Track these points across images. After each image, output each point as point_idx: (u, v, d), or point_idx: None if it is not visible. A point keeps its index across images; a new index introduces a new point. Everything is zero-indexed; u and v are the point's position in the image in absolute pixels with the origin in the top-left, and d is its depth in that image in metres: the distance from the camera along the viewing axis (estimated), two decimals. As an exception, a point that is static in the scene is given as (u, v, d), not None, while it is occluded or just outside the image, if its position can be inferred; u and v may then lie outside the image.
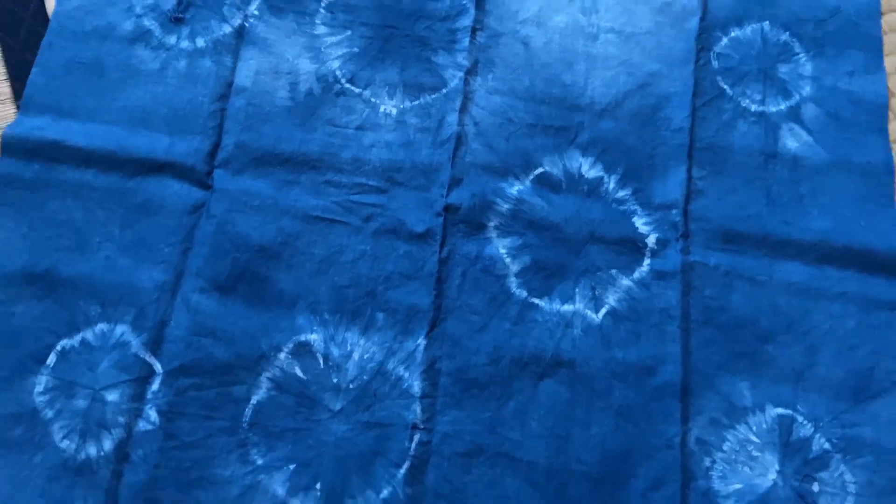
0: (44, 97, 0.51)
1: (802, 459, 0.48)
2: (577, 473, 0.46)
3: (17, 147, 0.50)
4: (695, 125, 0.55)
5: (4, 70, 0.52)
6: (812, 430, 0.49)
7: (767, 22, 0.60)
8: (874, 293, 0.52)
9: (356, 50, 0.55)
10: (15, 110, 0.51)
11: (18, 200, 0.49)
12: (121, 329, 0.47)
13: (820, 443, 0.48)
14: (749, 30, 0.59)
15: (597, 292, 0.51)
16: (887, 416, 0.49)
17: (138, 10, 0.55)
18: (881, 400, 0.49)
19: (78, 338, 0.46)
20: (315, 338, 0.48)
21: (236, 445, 0.45)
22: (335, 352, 0.48)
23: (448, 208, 0.51)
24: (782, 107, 0.57)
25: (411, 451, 0.46)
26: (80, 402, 0.45)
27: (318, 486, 0.45)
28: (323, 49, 0.55)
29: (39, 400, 0.45)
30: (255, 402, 0.46)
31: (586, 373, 0.49)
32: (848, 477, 0.48)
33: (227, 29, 0.55)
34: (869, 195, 0.55)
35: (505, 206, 0.52)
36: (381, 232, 0.51)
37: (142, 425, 0.45)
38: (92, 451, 0.44)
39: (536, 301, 0.50)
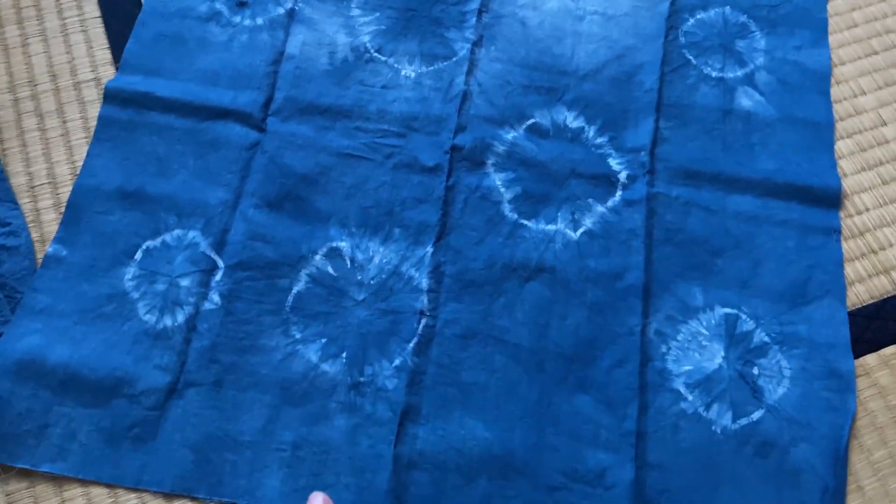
0: (137, 61, 0.65)
1: (745, 349, 0.57)
2: (553, 353, 0.56)
3: (116, 96, 0.63)
4: (663, 87, 0.66)
5: (107, 40, 0.66)
6: (754, 325, 0.58)
7: (729, 7, 0.71)
8: (811, 221, 0.61)
9: (383, 27, 0.68)
10: (114, 70, 0.65)
11: (116, 137, 0.62)
12: (192, 234, 0.59)
13: (760, 336, 0.57)
14: (713, 12, 0.70)
15: (576, 216, 0.61)
16: (819, 318, 0.58)
17: (212, -4, 0.68)
18: (814, 304, 0.58)
19: (159, 240, 0.59)
20: (344, 245, 0.59)
21: (280, 323, 0.56)
22: (360, 256, 0.59)
23: (454, 148, 0.63)
24: (738, 73, 0.67)
25: (419, 331, 0.57)
26: (160, 286, 0.57)
27: (343, 355, 0.56)
28: (356, 26, 0.68)
29: (128, 284, 0.57)
30: (295, 291, 0.58)
31: (564, 277, 0.59)
32: (784, 363, 0.56)
33: (281, 11, 0.68)
34: (811, 144, 0.64)
35: (501, 148, 0.63)
36: (399, 166, 0.62)
37: (207, 305, 0.57)
38: (168, 322, 0.56)
39: (525, 222, 0.61)
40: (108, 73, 0.65)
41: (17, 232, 0.58)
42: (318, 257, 0.59)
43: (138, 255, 0.59)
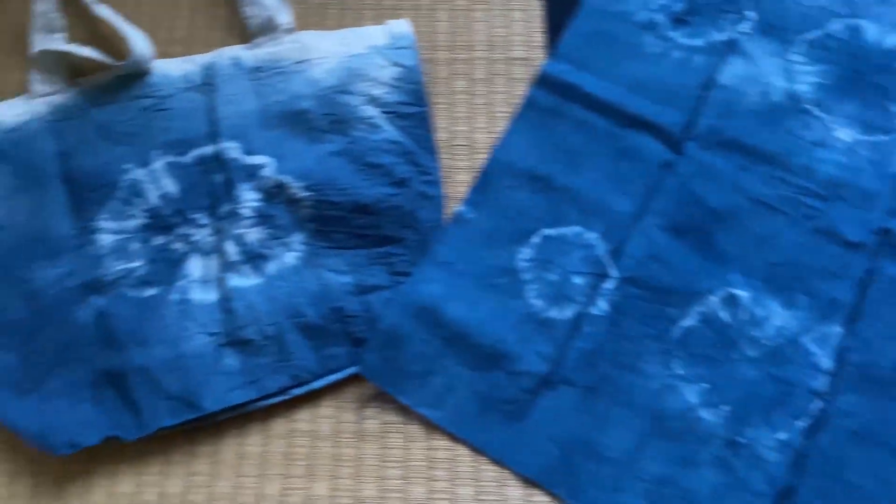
0: (570, 52, 0.66)
1: None
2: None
3: (546, 81, 0.64)
4: None
5: (543, 24, 0.67)
6: None
7: None
8: None
9: (824, 81, 0.64)
10: (544, 55, 0.66)
11: (537, 119, 0.63)
12: (591, 235, 0.58)
13: None
14: None
15: None
16: None
17: (653, 6, 0.67)
18: None
19: (558, 230, 0.59)
20: (744, 295, 0.56)
21: (662, 352, 0.55)
22: (758, 312, 0.56)
23: (884, 231, 0.58)
24: None
25: (811, 413, 0.52)
26: (552, 276, 0.57)
27: (725, 408, 0.53)
28: (796, 73, 0.64)
29: (522, 264, 0.58)
30: (684, 325, 0.55)
31: None
32: None
33: (721, 38, 0.66)
34: None
35: (937, 245, 0.57)
36: (817, 231, 0.58)
37: (594, 310, 0.56)
38: (555, 313, 0.56)
39: (949, 333, 0.54)
40: (537, 56, 0.66)
41: (435, 183, 0.60)
42: (714, 298, 0.56)
43: (536, 239, 0.59)
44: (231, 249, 0.58)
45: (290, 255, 0.58)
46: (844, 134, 0.62)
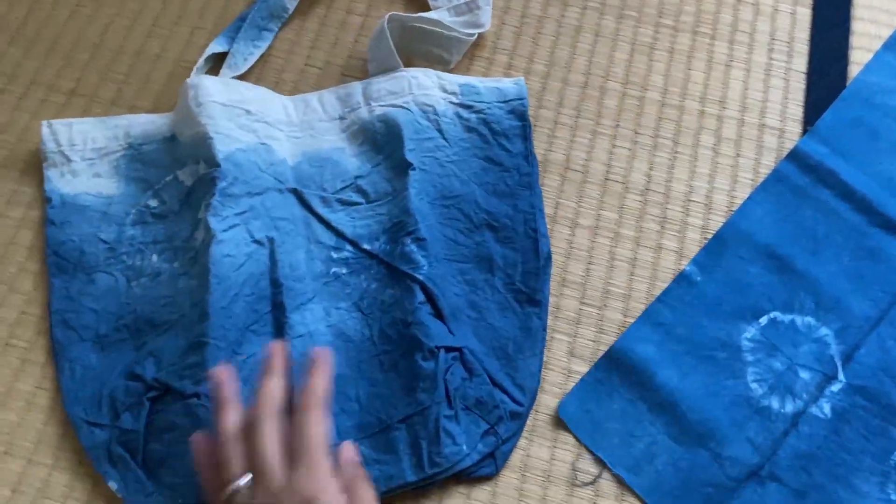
0: (828, 134, 0.62)
1: None
2: None
3: (800, 158, 0.61)
4: None
5: (803, 98, 0.65)
6: None
7: None
8: None
9: None
10: (800, 131, 0.63)
11: (783, 196, 0.60)
12: (825, 331, 0.55)
13: None
14: None
15: None
16: None
17: None
18: None
19: (790, 317, 0.56)
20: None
21: (879, 473, 0.51)
22: None
23: None
24: None
25: None
26: (777, 364, 0.54)
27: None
28: None
29: (745, 343, 0.55)
30: (910, 452, 0.52)
31: None
32: None
33: None
34: None
35: None
36: None
37: (815, 411, 0.53)
38: (775, 404, 0.53)
39: None
40: (792, 129, 0.63)
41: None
42: (948, 432, 0.53)
43: (763, 321, 0.56)
44: None
45: None
46: None
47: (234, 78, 0.63)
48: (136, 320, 0.54)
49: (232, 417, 0.45)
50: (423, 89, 0.62)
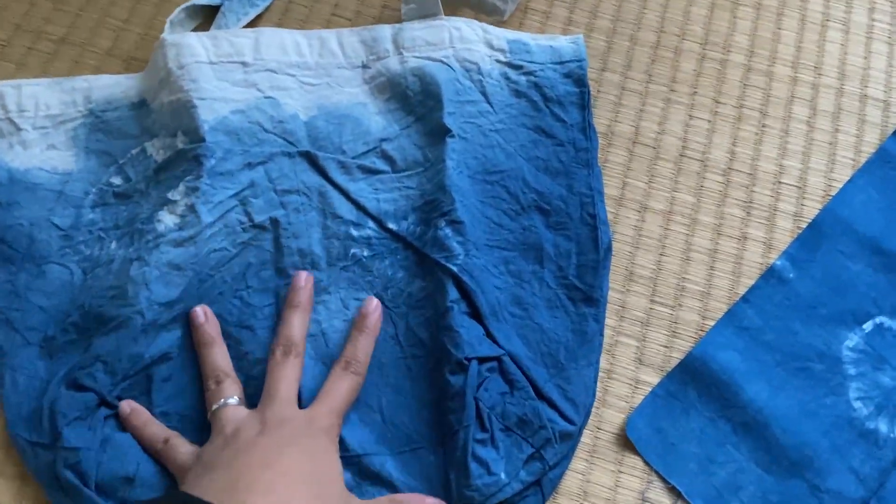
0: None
1: None
2: None
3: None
4: None
5: (912, 66, 0.56)
6: None
7: None
8: None
9: None
10: (909, 103, 0.54)
11: (890, 179, 0.51)
12: (941, 341, 0.47)
13: None
14: None
15: None
16: None
17: None
18: None
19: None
20: None
21: None
22: None
23: None
24: None
25: None
26: (885, 379, 0.46)
27: None
28: None
29: (846, 353, 0.47)
30: None
31: None
32: None
33: None
34: None
35: None
36: None
37: (931, 437, 0.45)
38: (883, 426, 0.44)
39: None
40: (901, 100, 0.55)
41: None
42: None
43: (868, 327, 0.47)
44: None
45: None
46: None
47: None
48: (83, 316, 0.45)
49: (220, 354, 0.44)
50: (465, 43, 0.53)
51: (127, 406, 0.43)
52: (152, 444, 0.42)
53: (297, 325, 0.44)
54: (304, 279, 0.46)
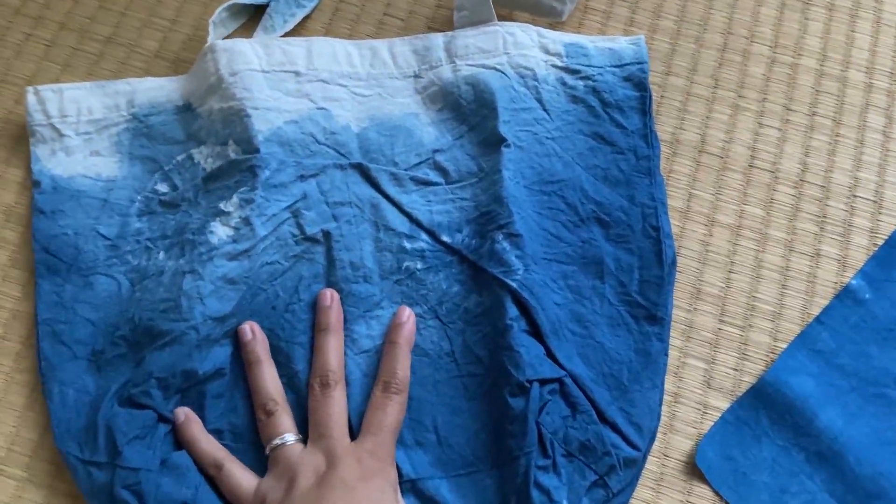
0: None
1: None
2: None
3: None
4: None
5: None
6: None
7: None
8: None
9: None
10: None
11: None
12: None
13: None
14: None
15: None
16: None
17: None
18: None
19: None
20: None
21: None
22: None
23: None
24: None
25: None
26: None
27: None
28: None
29: (925, 380, 0.45)
30: None
31: None
32: None
33: None
34: None
35: None
36: None
37: None
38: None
39: None
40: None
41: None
42: None
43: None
44: None
45: None
46: None
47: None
48: (133, 330, 0.44)
49: (269, 375, 0.43)
50: (520, 48, 0.51)
51: (181, 413, 0.42)
52: (207, 466, 0.41)
53: (331, 351, 0.43)
54: (329, 298, 0.44)
